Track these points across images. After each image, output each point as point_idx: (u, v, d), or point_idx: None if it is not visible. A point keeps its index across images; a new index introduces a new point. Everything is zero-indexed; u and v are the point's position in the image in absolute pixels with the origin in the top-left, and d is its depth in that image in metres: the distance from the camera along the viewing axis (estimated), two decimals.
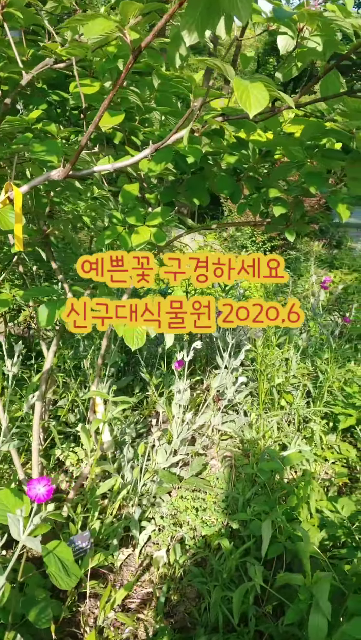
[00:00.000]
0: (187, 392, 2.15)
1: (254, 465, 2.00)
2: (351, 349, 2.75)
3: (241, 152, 1.44)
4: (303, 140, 1.32)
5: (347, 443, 2.52)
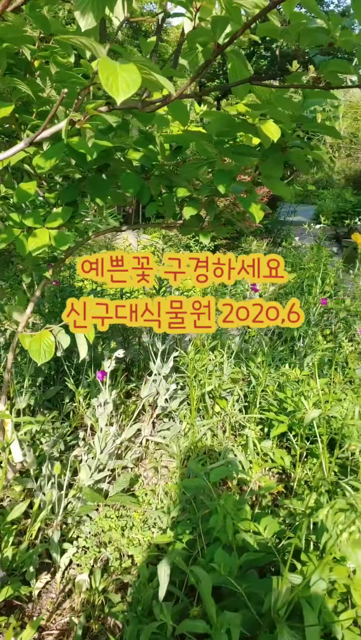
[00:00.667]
0: (109, 405, 2.02)
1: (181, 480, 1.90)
2: (287, 350, 2.69)
3: (148, 147, 1.32)
4: (211, 134, 1.21)
5: (283, 449, 2.46)
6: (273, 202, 8.99)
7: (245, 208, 1.23)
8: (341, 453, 1.92)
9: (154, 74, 0.77)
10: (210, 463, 2.31)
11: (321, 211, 12.77)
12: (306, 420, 1.72)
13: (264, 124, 0.94)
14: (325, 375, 2.59)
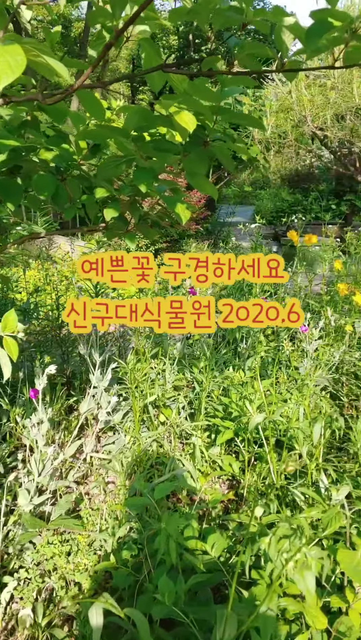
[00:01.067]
0: (44, 425, 1.89)
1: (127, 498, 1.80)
2: (230, 353, 2.63)
3: (62, 146, 1.21)
4: (128, 129, 1.12)
5: (232, 455, 2.39)
6: (212, 204, 9.03)
7: (170, 208, 1.15)
8: (289, 456, 1.87)
9: (45, 57, 0.67)
10: (158, 475, 2.22)
11: (259, 211, 12.97)
12: (251, 425, 1.65)
13: (178, 114, 0.86)
14: (269, 376, 2.55)
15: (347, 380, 2.68)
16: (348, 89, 1.83)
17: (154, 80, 1.06)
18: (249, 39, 1.64)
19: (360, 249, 3.18)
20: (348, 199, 13.14)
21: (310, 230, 8.55)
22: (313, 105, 1.93)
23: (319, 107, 1.95)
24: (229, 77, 1.00)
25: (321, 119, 1.92)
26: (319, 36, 0.78)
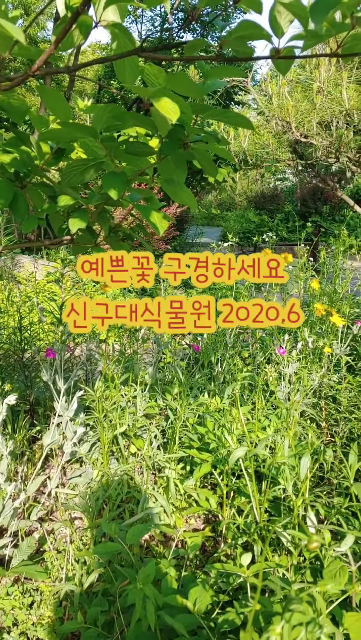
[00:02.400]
0: (3, 462, 1.70)
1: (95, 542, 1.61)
2: (205, 378, 2.48)
3: (21, 149, 1.06)
4: (96, 129, 0.98)
5: (208, 487, 2.24)
6: (181, 225, 8.98)
7: (145, 217, 1.01)
8: (272, 490, 1.72)
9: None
10: (129, 513, 2.04)
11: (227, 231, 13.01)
12: (231, 460, 1.51)
13: (159, 100, 0.73)
14: (246, 401, 2.41)
15: (326, 405, 2.57)
16: (336, 92, 1.76)
17: (124, 73, 0.93)
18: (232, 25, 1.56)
19: (336, 269, 3.11)
20: (314, 220, 13.33)
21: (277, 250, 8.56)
22: (297, 112, 1.86)
23: (303, 113, 1.88)
24: (213, 68, 0.88)
25: (306, 126, 1.85)
26: (325, 12, 0.66)
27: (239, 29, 0.73)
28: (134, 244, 5.83)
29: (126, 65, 0.90)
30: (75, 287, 4.91)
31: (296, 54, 0.81)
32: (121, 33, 0.88)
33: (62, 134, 1.02)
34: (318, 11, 0.67)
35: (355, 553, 1.28)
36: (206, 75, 0.86)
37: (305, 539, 1.27)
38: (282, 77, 2.11)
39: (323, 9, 0.67)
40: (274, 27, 0.75)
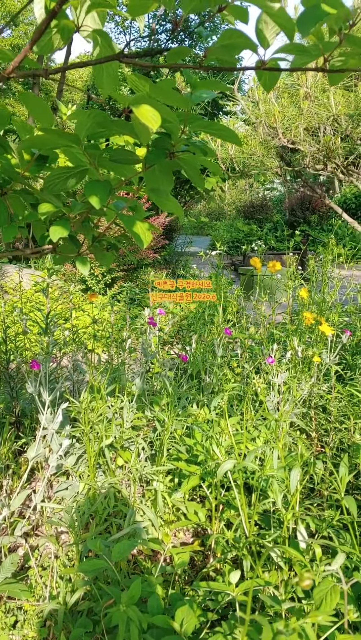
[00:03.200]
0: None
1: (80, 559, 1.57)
2: (194, 388, 2.45)
3: (2, 156, 1.04)
4: (80, 135, 0.95)
5: (197, 500, 2.20)
6: (170, 234, 8.97)
7: (128, 228, 0.98)
8: (261, 504, 1.69)
9: None
10: (116, 527, 2.00)
11: (216, 241, 13.05)
12: (220, 473, 1.47)
13: (139, 107, 0.70)
14: (235, 412, 2.38)
15: (316, 414, 2.55)
16: (323, 98, 1.75)
17: (102, 80, 0.91)
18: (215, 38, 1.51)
19: (325, 277, 3.10)
20: (302, 229, 13.41)
21: (265, 259, 8.58)
22: (284, 117, 1.85)
23: (290, 119, 1.86)
24: (200, 80, 0.86)
25: (293, 131, 1.84)
26: (312, 24, 0.65)
27: (224, 38, 0.71)
28: (121, 253, 5.81)
29: (104, 72, 0.88)
30: (62, 296, 4.87)
31: (283, 67, 0.79)
32: (102, 39, 0.86)
33: (44, 141, 1.00)
34: (304, 23, 0.65)
35: (347, 568, 1.26)
36: (193, 87, 0.84)
37: (295, 555, 1.24)
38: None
39: (310, 20, 0.65)
40: (261, 38, 0.73)
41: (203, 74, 17.75)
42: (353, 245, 11.25)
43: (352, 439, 2.16)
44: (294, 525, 1.56)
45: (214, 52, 0.76)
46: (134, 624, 0.98)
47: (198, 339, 2.87)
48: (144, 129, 0.72)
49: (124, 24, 19.01)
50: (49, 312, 2.72)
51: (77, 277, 5.65)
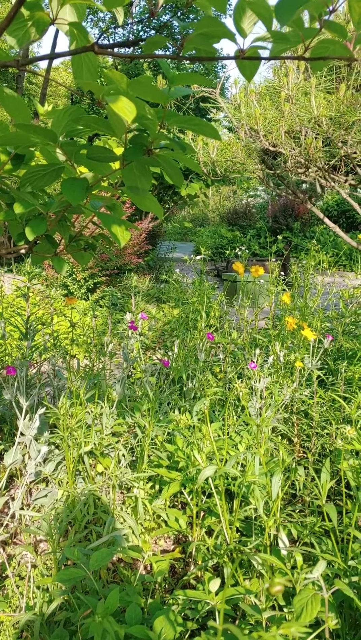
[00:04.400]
0: None
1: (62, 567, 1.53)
2: (176, 394, 2.43)
3: None
4: (56, 132, 0.93)
5: (178, 507, 2.17)
6: (153, 240, 8.95)
7: (106, 227, 0.95)
8: (243, 510, 1.67)
9: None
10: (96, 535, 1.96)
11: (200, 247, 13.09)
12: (200, 479, 1.45)
13: (114, 100, 0.68)
14: (217, 417, 2.36)
15: (298, 420, 2.53)
16: (305, 100, 1.74)
17: (82, 72, 0.88)
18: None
19: (307, 283, 3.10)
20: (285, 236, 13.50)
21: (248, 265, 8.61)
22: (266, 120, 1.84)
23: (272, 121, 1.85)
24: (179, 74, 0.84)
25: (274, 134, 1.83)
26: (291, 13, 0.63)
27: (201, 26, 0.69)
28: (103, 258, 5.77)
29: (83, 66, 0.86)
30: (44, 301, 4.81)
31: (263, 56, 0.78)
32: (78, 32, 0.84)
33: (19, 137, 0.97)
34: (282, 11, 0.63)
35: (328, 577, 1.24)
36: (171, 80, 0.82)
37: (276, 563, 1.22)
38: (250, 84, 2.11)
39: (288, 8, 0.63)
40: (239, 27, 0.72)
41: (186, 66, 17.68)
42: (334, 252, 11.36)
43: (334, 444, 2.15)
44: (276, 532, 1.54)
45: (192, 42, 0.74)
46: (110, 636, 0.95)
47: (181, 343, 2.84)
48: (119, 121, 0.70)
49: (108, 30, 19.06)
50: (29, 317, 2.68)
51: (59, 282, 5.59)
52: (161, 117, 0.92)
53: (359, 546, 1.33)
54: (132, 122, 0.73)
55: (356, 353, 2.87)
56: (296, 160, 2.03)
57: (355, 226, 13.72)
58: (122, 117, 0.67)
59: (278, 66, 2.05)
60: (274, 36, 0.74)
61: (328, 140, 1.97)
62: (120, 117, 0.68)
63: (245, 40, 0.74)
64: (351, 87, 1.84)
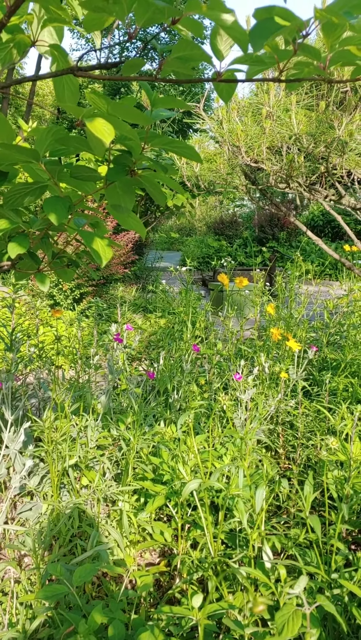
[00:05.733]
0: None
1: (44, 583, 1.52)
2: (161, 406, 2.43)
3: None
4: (39, 151, 0.94)
5: (163, 520, 2.16)
6: (140, 249, 8.96)
7: (87, 244, 0.96)
8: (227, 523, 1.67)
9: None
10: (80, 548, 1.95)
11: (187, 256, 13.13)
12: (185, 492, 1.45)
13: (92, 121, 0.69)
14: (202, 429, 2.37)
15: (283, 431, 2.55)
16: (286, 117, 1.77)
17: (64, 93, 0.90)
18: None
19: (291, 293, 3.13)
20: (271, 245, 13.60)
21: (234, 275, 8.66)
22: (247, 136, 1.86)
23: (253, 137, 1.88)
24: (161, 98, 0.86)
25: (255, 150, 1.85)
26: (265, 37, 0.65)
27: (178, 49, 0.70)
28: (93, 267, 5.77)
29: (65, 87, 0.87)
30: (30, 311, 4.80)
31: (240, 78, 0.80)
32: (59, 54, 0.85)
33: (3, 156, 0.98)
34: (257, 36, 0.65)
35: (312, 590, 1.24)
36: (152, 103, 0.83)
37: (260, 577, 1.23)
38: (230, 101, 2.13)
39: (262, 34, 0.65)
40: (215, 50, 0.73)
41: (169, 89, 17.87)
42: (320, 262, 11.46)
43: (319, 456, 2.17)
44: (260, 544, 1.54)
45: (169, 64, 0.76)
46: None
47: (166, 355, 2.85)
48: (98, 143, 0.71)
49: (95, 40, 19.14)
50: (14, 329, 2.67)
51: (46, 293, 5.58)
52: (143, 138, 0.94)
53: (342, 558, 1.34)
54: (111, 143, 0.74)
55: (340, 364, 2.90)
56: (278, 175, 2.06)
57: (340, 236, 13.87)
58: (101, 138, 0.69)
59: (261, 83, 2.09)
60: (250, 59, 0.76)
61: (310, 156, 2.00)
62: (98, 139, 0.69)
63: (222, 62, 0.76)
64: (332, 104, 1.88)
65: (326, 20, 0.66)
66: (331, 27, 0.69)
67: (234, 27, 0.68)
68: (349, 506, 1.54)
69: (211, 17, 0.67)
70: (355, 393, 2.60)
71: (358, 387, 2.52)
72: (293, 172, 1.91)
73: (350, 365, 2.86)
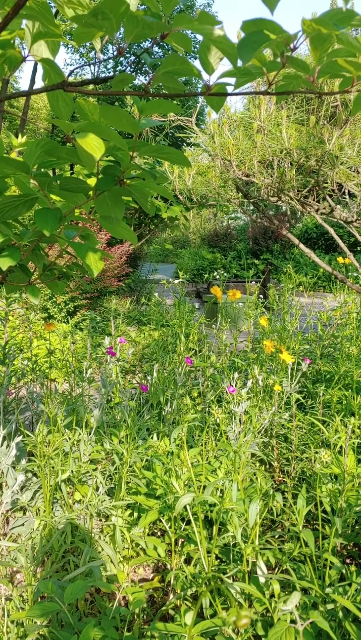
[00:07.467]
0: None
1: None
2: (154, 419, 2.41)
3: None
4: (28, 163, 0.94)
5: (157, 535, 2.14)
6: (134, 262, 8.98)
7: (79, 256, 0.96)
8: (221, 537, 1.65)
9: None
10: (73, 564, 1.92)
11: (181, 269, 13.16)
12: (178, 507, 1.44)
13: (83, 137, 0.69)
14: (196, 442, 2.35)
15: (277, 444, 2.53)
16: (277, 131, 1.78)
17: (59, 107, 0.90)
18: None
19: (285, 305, 3.13)
20: (265, 257, 13.65)
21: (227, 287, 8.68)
22: (239, 150, 1.87)
23: (245, 151, 1.89)
24: (149, 103, 0.86)
25: (247, 164, 1.86)
26: (253, 50, 0.65)
27: (167, 64, 0.71)
28: (87, 280, 5.77)
29: (58, 97, 0.87)
30: (23, 324, 4.78)
31: (229, 91, 0.80)
32: (50, 68, 0.85)
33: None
34: (245, 48, 0.66)
35: (305, 605, 1.23)
36: (141, 110, 0.83)
37: (254, 592, 1.21)
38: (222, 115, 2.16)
39: (250, 47, 0.65)
40: (204, 64, 0.74)
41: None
42: (314, 274, 11.51)
43: (313, 469, 2.16)
44: (254, 559, 1.52)
45: (158, 79, 0.76)
46: None
47: (160, 367, 2.84)
48: (89, 158, 0.71)
49: (89, 55, 19.37)
50: (7, 342, 2.65)
51: (39, 305, 5.56)
52: (132, 147, 0.94)
53: (336, 572, 1.33)
54: (101, 157, 0.74)
55: (334, 376, 2.90)
56: (270, 188, 2.07)
57: (334, 248, 13.95)
58: (92, 154, 0.69)
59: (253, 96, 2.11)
60: (239, 71, 0.76)
61: (302, 169, 2.02)
62: (89, 154, 0.69)
63: (212, 75, 0.77)
64: (323, 118, 1.89)
65: (315, 33, 0.66)
66: (319, 39, 0.70)
67: (223, 40, 0.68)
68: (343, 519, 1.52)
69: (200, 31, 0.67)
70: (349, 405, 2.60)
71: (351, 400, 2.52)
72: (285, 185, 1.92)
73: (344, 378, 2.86)
